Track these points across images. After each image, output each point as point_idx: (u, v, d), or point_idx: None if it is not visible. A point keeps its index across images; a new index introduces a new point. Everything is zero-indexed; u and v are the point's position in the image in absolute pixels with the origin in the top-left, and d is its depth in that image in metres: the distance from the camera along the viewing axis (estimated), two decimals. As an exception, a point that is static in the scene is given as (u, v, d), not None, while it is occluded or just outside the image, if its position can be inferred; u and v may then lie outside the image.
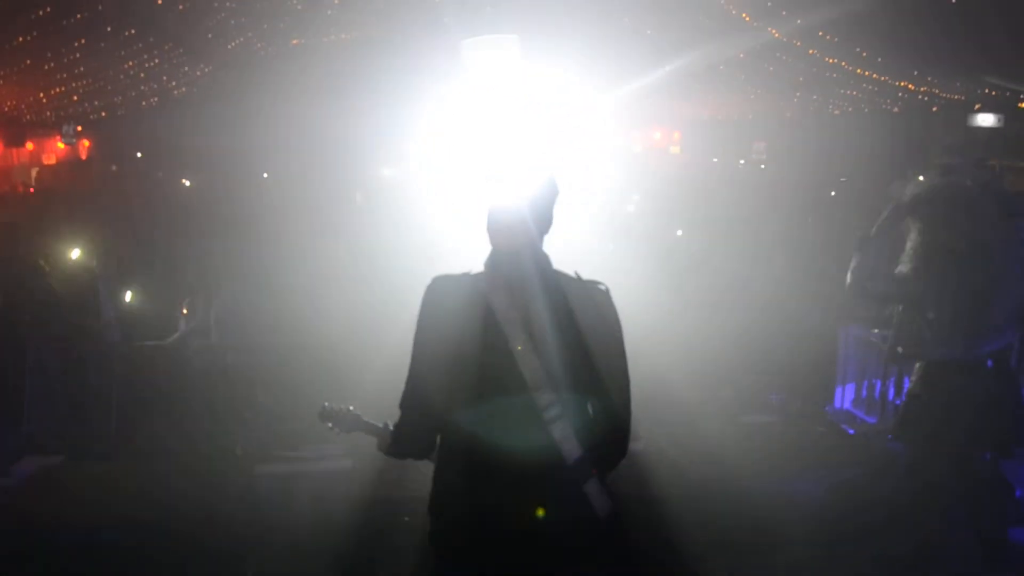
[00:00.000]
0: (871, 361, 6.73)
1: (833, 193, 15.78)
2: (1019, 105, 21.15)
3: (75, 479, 5.31)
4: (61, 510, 4.82)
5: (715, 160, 24.73)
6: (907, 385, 4.15)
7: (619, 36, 17.38)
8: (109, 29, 16.78)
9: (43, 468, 5.24)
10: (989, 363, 3.88)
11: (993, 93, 21.49)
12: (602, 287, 2.73)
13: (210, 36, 19.86)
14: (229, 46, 21.03)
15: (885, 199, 4.92)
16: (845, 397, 6.94)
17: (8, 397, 6.66)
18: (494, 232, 2.69)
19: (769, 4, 17.18)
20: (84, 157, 26.88)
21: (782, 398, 6.76)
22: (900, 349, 4.20)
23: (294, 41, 21.71)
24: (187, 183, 20.06)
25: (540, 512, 2.60)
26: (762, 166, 22.59)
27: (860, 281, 4.09)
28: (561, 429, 2.58)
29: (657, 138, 26.61)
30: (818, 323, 6.94)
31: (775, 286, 7.18)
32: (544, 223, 2.72)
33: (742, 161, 25.00)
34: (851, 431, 6.33)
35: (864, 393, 6.79)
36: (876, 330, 6.55)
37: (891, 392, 6.45)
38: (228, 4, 17.73)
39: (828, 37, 17.91)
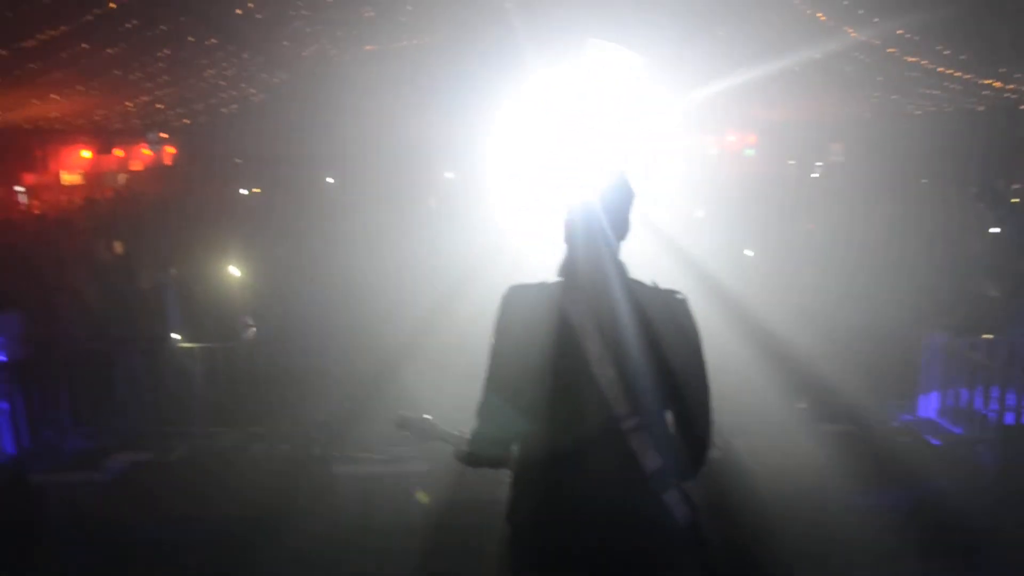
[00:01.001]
0: (956, 369, 6.52)
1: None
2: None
3: (161, 476, 5.49)
4: (148, 505, 4.99)
5: (791, 163, 24.23)
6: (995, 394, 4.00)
7: (692, 38, 17.18)
8: (191, 39, 17.31)
9: (133, 464, 5.43)
10: None
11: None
12: (680, 295, 2.70)
13: (286, 44, 20.29)
14: (304, 53, 21.46)
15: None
16: (929, 406, 6.74)
17: (100, 398, 6.95)
18: (570, 239, 2.69)
19: (846, 3, 16.77)
20: (168, 163, 27.78)
21: (863, 407, 6.58)
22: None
23: (368, 47, 22.03)
24: (258, 190, 20.58)
25: (618, 521, 2.59)
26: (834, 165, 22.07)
27: None
28: (639, 439, 2.56)
29: (731, 141, 26.19)
30: (900, 330, 6.75)
31: (855, 292, 7.01)
32: (621, 229, 2.70)
33: (819, 163, 24.43)
34: (936, 442, 6.14)
35: (950, 402, 6.59)
36: (961, 339, 6.35)
37: (978, 401, 6.24)
38: (304, 12, 18.09)
39: (908, 36, 17.39)
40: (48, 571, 4.61)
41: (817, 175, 23.55)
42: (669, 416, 2.72)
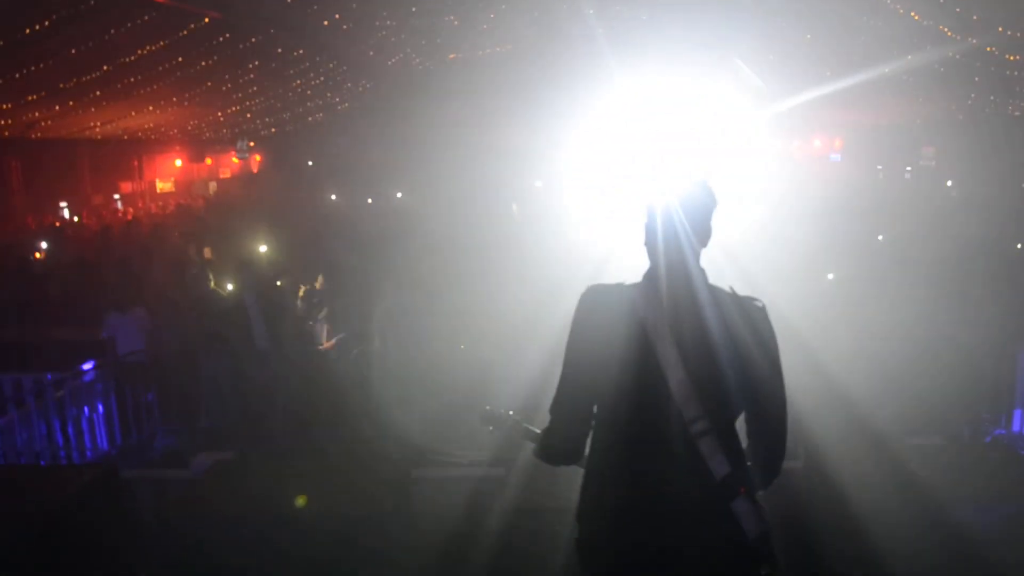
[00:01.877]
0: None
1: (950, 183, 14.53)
2: None
3: (245, 474, 5.64)
4: (232, 502, 5.14)
5: (879, 168, 23.53)
6: None
7: (779, 39, 16.84)
8: (279, 50, 17.81)
9: (218, 463, 5.59)
10: None
11: None
12: (759, 303, 2.69)
13: (371, 53, 20.69)
14: (389, 62, 21.85)
15: None
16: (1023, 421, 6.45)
17: (187, 399, 7.21)
18: (651, 244, 2.70)
19: (942, 1, 16.17)
20: (255, 171, 28.66)
21: (954, 420, 6.35)
22: None
23: (451, 56, 22.30)
24: (341, 198, 21.02)
25: (685, 525, 2.57)
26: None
27: None
28: (708, 444, 2.56)
29: (817, 146, 25.57)
30: (995, 343, 6.49)
31: (946, 302, 6.76)
32: (703, 235, 2.70)
33: (909, 168, 23.65)
34: (1031, 456, 5.86)
35: (1047, 418, 6.31)
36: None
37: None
38: (388, 23, 18.42)
39: (1009, 32, 16.66)
40: (139, 564, 4.79)
41: (911, 169, 22.78)
42: (745, 424, 2.70)
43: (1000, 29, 16.17)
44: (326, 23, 17.07)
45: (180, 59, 15.92)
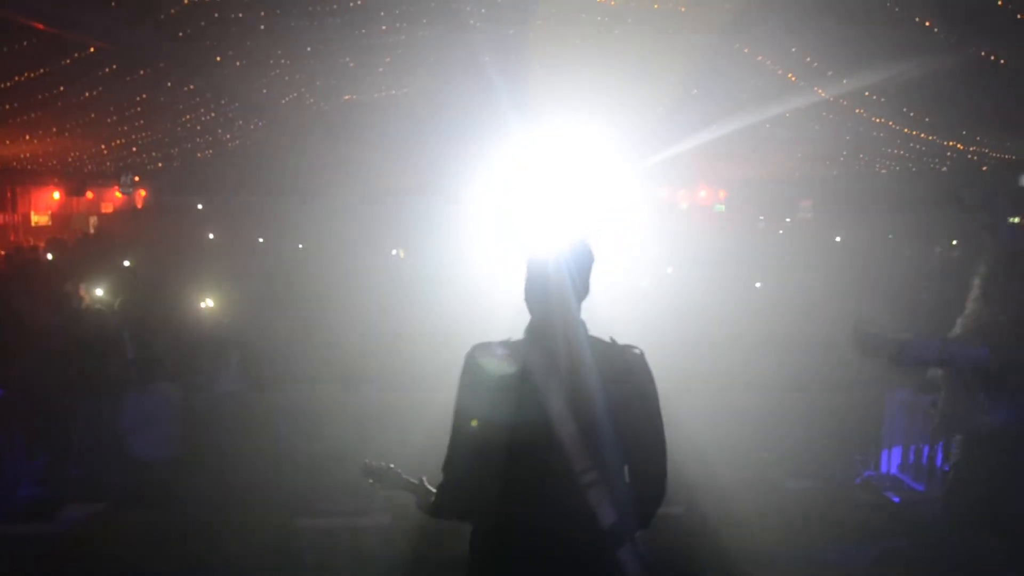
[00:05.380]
0: (918, 426, 6.59)
1: (839, 239, 15.46)
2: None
3: (117, 527, 5.39)
4: (103, 557, 4.89)
5: (760, 218, 24.60)
6: (953, 451, 4.04)
7: (665, 97, 17.53)
8: (169, 84, 17.38)
9: (87, 515, 5.32)
10: None
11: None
12: (637, 351, 2.77)
13: (265, 91, 20.43)
14: (283, 101, 21.61)
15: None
16: (891, 462, 6.79)
17: (55, 444, 6.82)
18: (531, 300, 2.77)
19: (815, 65, 17.21)
20: (140, 206, 27.67)
21: (828, 462, 6.62)
22: (946, 420, 4.05)
23: (346, 97, 22.23)
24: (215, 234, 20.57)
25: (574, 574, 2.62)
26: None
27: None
28: (596, 494, 2.62)
29: (703, 196, 26.57)
30: (862, 386, 6.82)
31: (818, 348, 7.09)
32: (581, 290, 2.78)
33: (788, 219, 24.82)
34: (896, 499, 6.18)
35: (911, 458, 6.64)
36: (924, 395, 6.42)
37: (939, 458, 6.30)
38: (283, 61, 18.25)
39: (875, 97, 17.87)
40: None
41: (789, 220, 23.92)
42: (627, 472, 2.77)
43: (867, 94, 17.30)
44: (219, 59, 16.78)
45: (61, 88, 15.33)
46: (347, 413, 6.07)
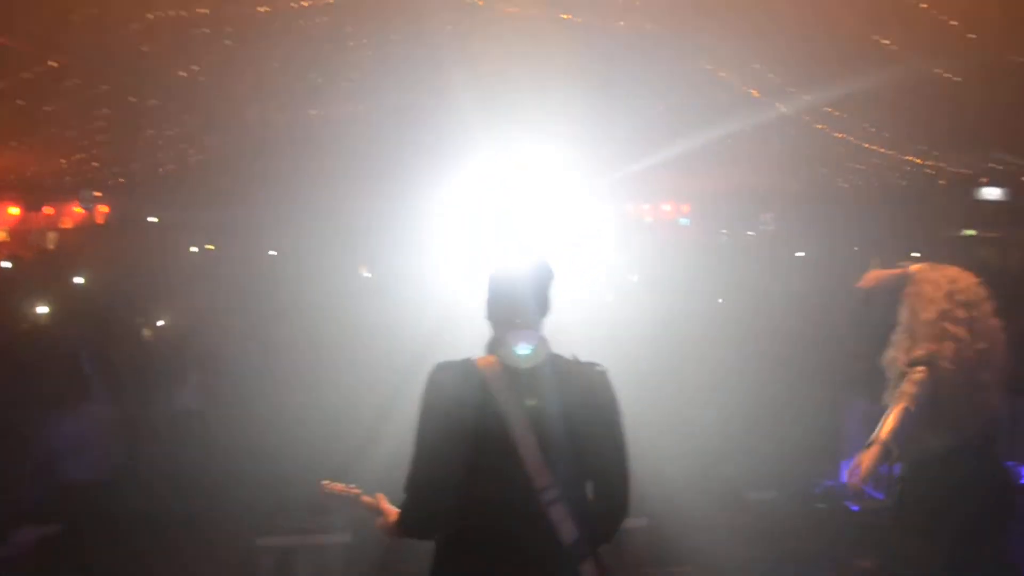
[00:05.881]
0: (878, 435, 6.66)
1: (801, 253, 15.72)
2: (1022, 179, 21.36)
3: (72, 549, 5.29)
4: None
5: (724, 232, 24.88)
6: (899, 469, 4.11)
7: (633, 112, 17.74)
8: (133, 99, 17.28)
9: (40, 537, 5.21)
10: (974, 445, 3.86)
11: (999, 167, 21.67)
12: (599, 368, 2.80)
13: (230, 105, 20.34)
14: (247, 116, 21.51)
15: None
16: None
17: (6, 464, 6.66)
18: (493, 317, 2.78)
19: (778, 81, 17.55)
20: (101, 222, 27.28)
21: (789, 473, 6.69)
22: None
23: (311, 112, 22.19)
24: (194, 250, 20.32)
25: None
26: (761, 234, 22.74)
27: None
28: (558, 511, 2.63)
29: (667, 210, 26.83)
30: (822, 397, 6.91)
31: (777, 360, 7.18)
32: (542, 306, 2.80)
33: (751, 233, 25.12)
34: (855, 507, 6.25)
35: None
36: (881, 405, 6.50)
37: (898, 467, 6.39)
38: (247, 77, 18.22)
39: (836, 113, 18.25)
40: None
41: (752, 234, 24.21)
42: (589, 488, 2.79)
43: (828, 110, 17.66)
44: (183, 74, 16.71)
45: (20, 103, 15.17)
46: (308, 429, 6.03)
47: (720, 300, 9.51)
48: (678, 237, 23.24)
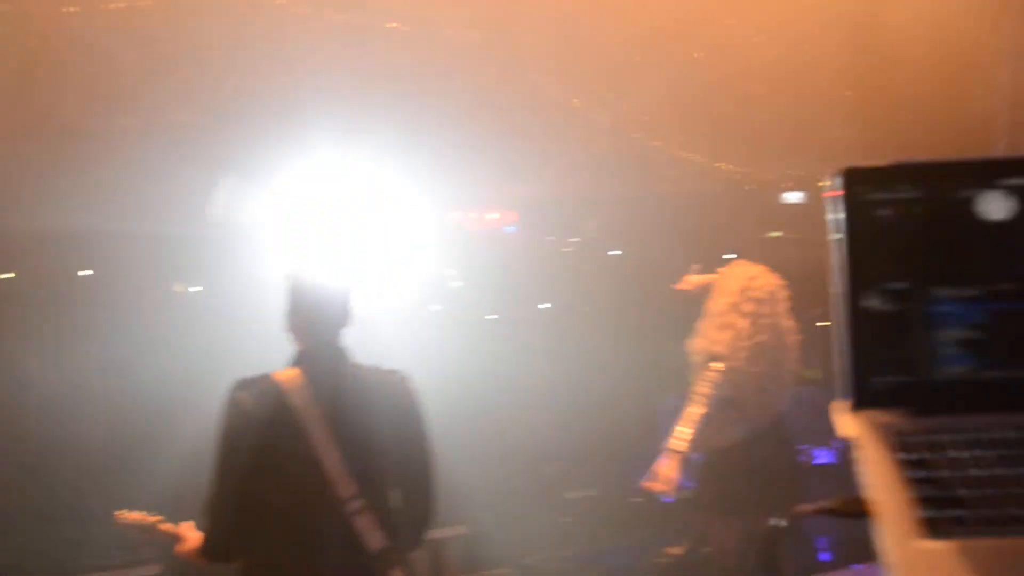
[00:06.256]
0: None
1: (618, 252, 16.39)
2: (818, 184, 23.12)
3: None
4: None
5: (550, 238, 25.48)
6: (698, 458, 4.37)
7: (450, 121, 17.88)
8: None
9: None
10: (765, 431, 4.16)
11: (801, 173, 23.41)
12: (400, 375, 2.83)
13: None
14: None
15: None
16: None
17: None
18: (295, 328, 2.75)
19: (595, 89, 18.21)
20: None
21: (605, 472, 6.90)
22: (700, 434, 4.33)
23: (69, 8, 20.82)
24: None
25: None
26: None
27: None
28: (365, 520, 2.63)
29: (495, 219, 27.19)
30: (638, 398, 7.18)
31: (598, 363, 7.40)
32: (342, 318, 2.79)
33: (576, 239, 25.86)
34: (670, 499, 6.52)
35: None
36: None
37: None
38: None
39: (647, 119, 19.07)
40: None
41: (569, 249, 24.87)
42: (395, 496, 2.79)
43: (646, 118, 18.47)
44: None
45: None
46: (107, 460, 5.70)
47: (547, 304, 9.69)
48: (504, 245, 23.59)
